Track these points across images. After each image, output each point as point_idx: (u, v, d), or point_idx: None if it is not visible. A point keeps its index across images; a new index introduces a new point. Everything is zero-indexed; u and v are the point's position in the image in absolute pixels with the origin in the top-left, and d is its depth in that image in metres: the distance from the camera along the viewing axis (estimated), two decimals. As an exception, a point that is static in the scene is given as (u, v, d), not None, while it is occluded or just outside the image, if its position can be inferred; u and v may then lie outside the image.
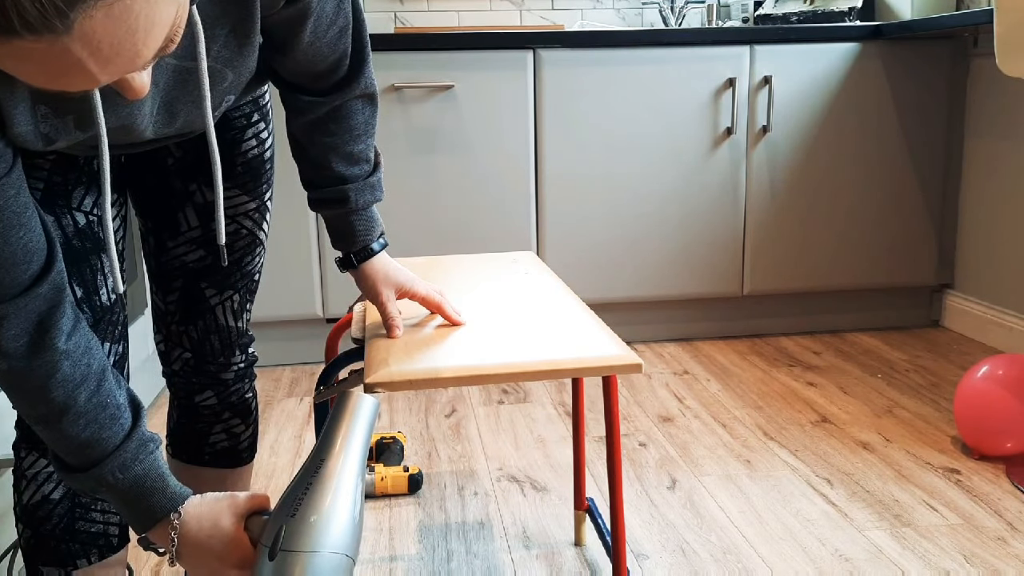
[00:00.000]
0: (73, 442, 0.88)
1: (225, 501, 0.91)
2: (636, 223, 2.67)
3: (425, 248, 2.60)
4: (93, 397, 0.88)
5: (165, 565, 1.55)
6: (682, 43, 2.59)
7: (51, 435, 0.88)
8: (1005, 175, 2.60)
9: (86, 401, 0.87)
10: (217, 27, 0.87)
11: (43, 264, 0.84)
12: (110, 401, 0.89)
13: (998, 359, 1.88)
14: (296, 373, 2.59)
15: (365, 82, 1.06)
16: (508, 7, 3.16)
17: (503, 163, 2.59)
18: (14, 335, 0.83)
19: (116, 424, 0.89)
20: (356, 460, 0.86)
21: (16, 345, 0.83)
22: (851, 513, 1.68)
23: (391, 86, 2.50)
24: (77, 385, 0.87)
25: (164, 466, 0.92)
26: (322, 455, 0.85)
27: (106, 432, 0.89)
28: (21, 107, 0.79)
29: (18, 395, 0.87)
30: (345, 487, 0.84)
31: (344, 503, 0.83)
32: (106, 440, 0.89)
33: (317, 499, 0.82)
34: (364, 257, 1.12)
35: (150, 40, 0.62)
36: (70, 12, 0.56)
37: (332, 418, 0.89)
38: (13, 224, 0.80)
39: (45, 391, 0.85)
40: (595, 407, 2.23)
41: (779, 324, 2.86)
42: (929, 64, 2.68)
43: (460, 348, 1.02)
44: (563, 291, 1.26)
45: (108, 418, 0.89)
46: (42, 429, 0.88)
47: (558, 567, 1.52)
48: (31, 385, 0.85)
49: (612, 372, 0.99)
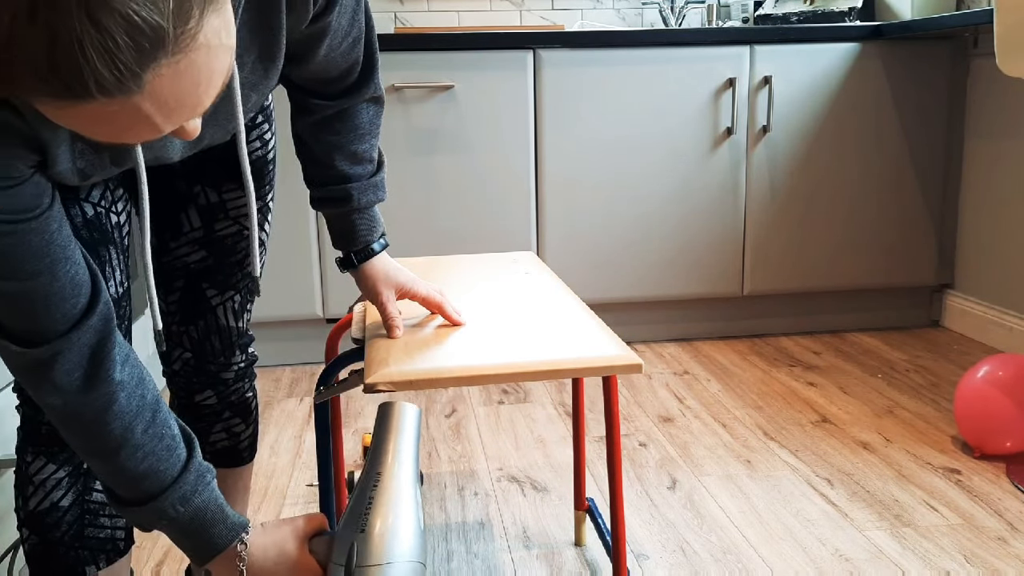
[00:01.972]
0: (131, 475, 0.86)
1: (286, 527, 0.92)
2: (636, 223, 2.67)
3: (425, 248, 2.60)
4: (149, 428, 0.87)
5: (165, 565, 1.55)
6: (682, 43, 2.59)
7: (107, 469, 0.87)
8: (1005, 175, 2.60)
9: (143, 433, 0.86)
10: (246, 54, 0.88)
11: (90, 295, 0.83)
12: (166, 432, 0.88)
13: (998, 359, 1.88)
14: (296, 373, 2.59)
15: (374, 87, 1.07)
16: (508, 7, 3.16)
17: (503, 163, 2.59)
18: (67, 370, 0.82)
19: (173, 455, 0.88)
20: (410, 469, 0.89)
21: (70, 380, 0.82)
22: (851, 513, 1.68)
23: (391, 86, 2.50)
24: (133, 416, 0.86)
25: (221, 496, 0.91)
26: (377, 468, 0.88)
27: (163, 464, 0.88)
28: (63, 147, 0.79)
29: (74, 431, 0.85)
30: (405, 497, 0.87)
31: (407, 512, 0.86)
32: (164, 472, 0.88)
33: (382, 512, 0.85)
34: (365, 257, 1.12)
35: (211, 89, 0.64)
36: (143, 73, 0.58)
37: (378, 431, 0.91)
38: (59, 258, 0.80)
39: (102, 424, 0.84)
40: (595, 407, 2.23)
41: (779, 324, 2.86)
42: (929, 64, 2.68)
43: (460, 348, 1.02)
44: (563, 291, 1.26)
45: (165, 449, 0.88)
46: (98, 464, 0.87)
47: (558, 567, 1.52)
48: (87, 419, 0.84)
49: (612, 372, 0.99)
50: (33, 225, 0.77)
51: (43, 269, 0.78)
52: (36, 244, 0.77)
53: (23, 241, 0.76)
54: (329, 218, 1.13)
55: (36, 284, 0.78)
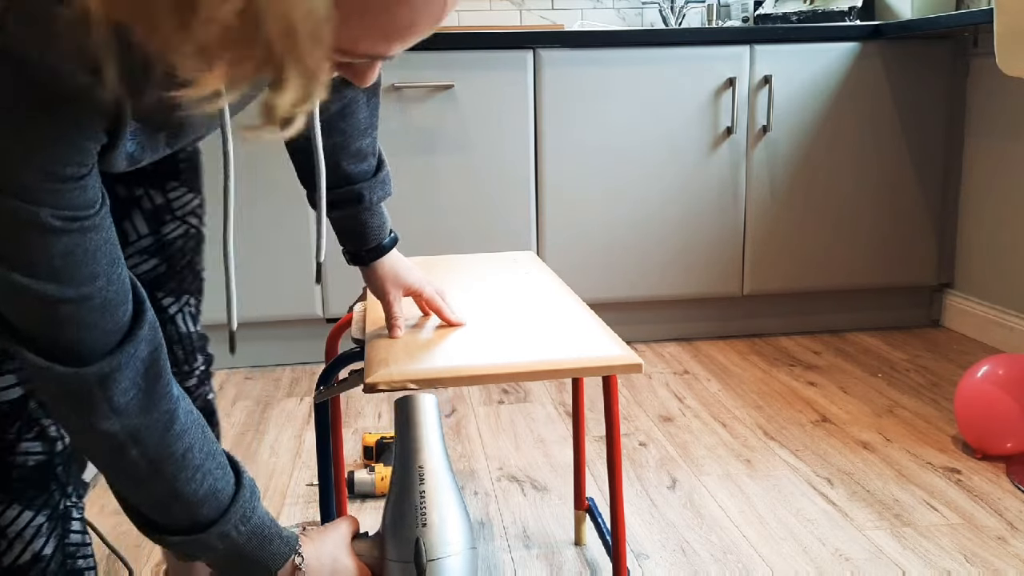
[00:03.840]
0: (189, 501, 0.78)
1: (333, 534, 0.89)
2: (636, 223, 2.67)
3: (425, 248, 2.60)
4: (204, 445, 0.79)
5: (165, 565, 1.55)
6: (682, 43, 2.59)
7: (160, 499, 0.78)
8: (1005, 175, 2.60)
9: (199, 451, 0.79)
10: None
11: (134, 302, 0.75)
12: (216, 448, 0.81)
13: (998, 359, 1.88)
14: (296, 373, 2.59)
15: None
16: (508, 7, 3.16)
17: (503, 163, 2.59)
18: (124, 388, 0.73)
19: (226, 473, 0.82)
20: (445, 458, 0.90)
21: (127, 400, 0.73)
22: (851, 513, 1.68)
23: (391, 86, 2.50)
24: (192, 434, 0.78)
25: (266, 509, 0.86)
26: (419, 462, 0.89)
27: (220, 483, 0.81)
28: (128, 126, 0.72)
29: (129, 460, 0.75)
30: (453, 488, 0.89)
31: (459, 502, 0.88)
32: (222, 493, 0.81)
33: (440, 505, 0.86)
34: (376, 255, 1.09)
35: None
36: None
37: (406, 423, 0.92)
38: (115, 259, 0.72)
39: (164, 447, 0.76)
40: (595, 407, 2.23)
41: (779, 324, 2.86)
42: (929, 64, 2.68)
43: (460, 348, 1.02)
44: (563, 291, 1.26)
45: (218, 467, 0.81)
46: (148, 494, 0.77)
47: (558, 567, 1.52)
48: (149, 444, 0.75)
49: (612, 372, 0.99)
50: (96, 221, 0.70)
51: (100, 272, 0.71)
52: (96, 244, 0.70)
53: (85, 241, 0.69)
54: (337, 220, 1.09)
55: (93, 290, 0.70)
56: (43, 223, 0.66)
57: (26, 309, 0.69)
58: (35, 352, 0.71)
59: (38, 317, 0.69)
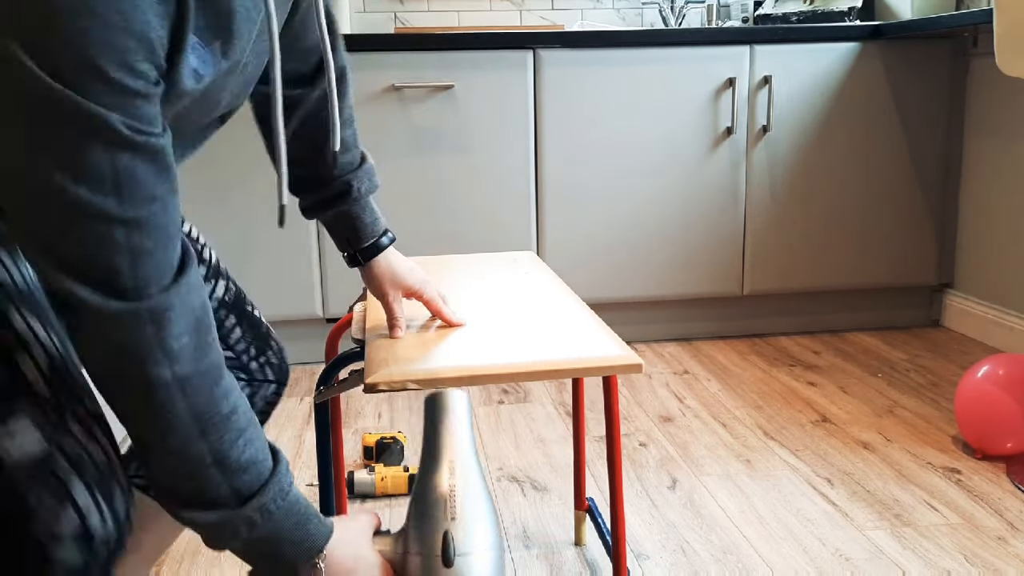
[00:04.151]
0: (233, 466, 0.74)
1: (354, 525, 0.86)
2: (636, 223, 2.67)
3: (425, 248, 2.60)
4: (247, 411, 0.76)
5: (165, 565, 1.55)
6: (682, 43, 2.59)
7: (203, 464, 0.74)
8: (1005, 175, 2.60)
9: (243, 415, 0.75)
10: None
11: (180, 248, 0.73)
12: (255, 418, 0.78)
13: (998, 359, 1.88)
14: (296, 373, 2.59)
15: (341, 55, 1.03)
16: (508, 7, 3.16)
17: (503, 163, 2.59)
18: (178, 333, 0.70)
19: (264, 445, 0.78)
20: (475, 454, 0.90)
21: (181, 345, 0.71)
22: (851, 513, 1.68)
23: (391, 86, 2.50)
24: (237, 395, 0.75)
25: None
26: (450, 457, 0.88)
27: (261, 454, 0.77)
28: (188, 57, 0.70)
29: (175, 414, 0.71)
30: (484, 484, 0.88)
31: (489, 499, 0.87)
32: (262, 464, 0.77)
33: (471, 501, 0.85)
34: (372, 254, 1.09)
35: None
36: None
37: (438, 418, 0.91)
38: (173, 189, 0.70)
39: (212, 403, 0.73)
40: (595, 407, 2.23)
41: (779, 324, 2.86)
42: (929, 64, 2.68)
43: (460, 348, 1.02)
44: (563, 291, 1.26)
45: (259, 438, 0.77)
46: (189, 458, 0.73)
47: (558, 567, 1.52)
48: (199, 396, 0.72)
49: (612, 372, 0.99)
50: (162, 143, 0.68)
51: (158, 196, 0.69)
52: (159, 166, 0.68)
53: (149, 159, 0.67)
54: (330, 221, 1.08)
55: (150, 213, 0.68)
56: (115, 130, 0.64)
57: (82, 233, 0.66)
58: (90, 287, 0.67)
59: (95, 241, 0.66)
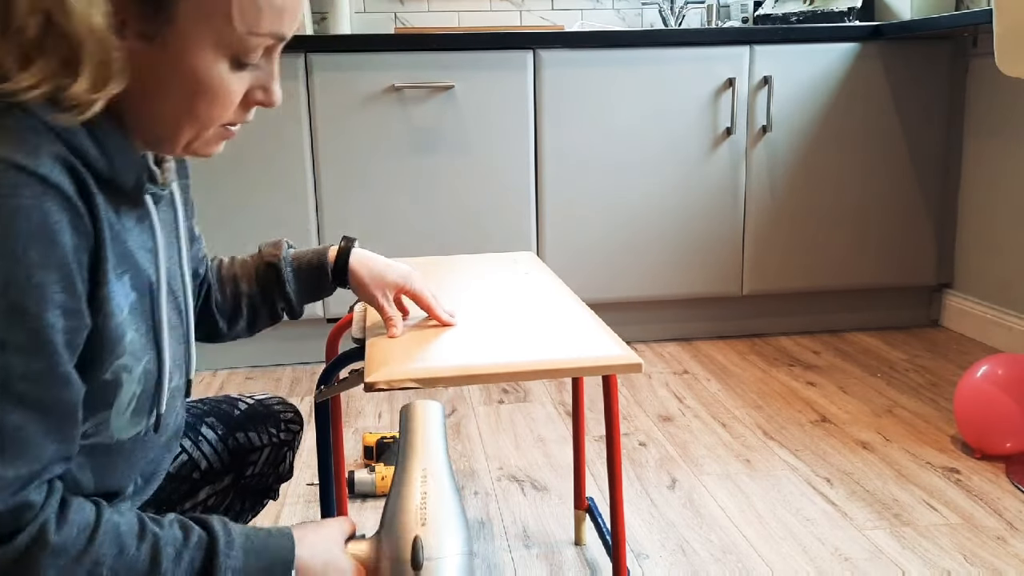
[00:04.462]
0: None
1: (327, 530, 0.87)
2: (636, 223, 2.67)
3: (425, 248, 2.60)
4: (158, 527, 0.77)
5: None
6: (682, 43, 2.59)
7: None
8: (1005, 175, 2.61)
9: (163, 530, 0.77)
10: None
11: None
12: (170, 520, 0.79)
13: (998, 358, 1.88)
14: (296, 373, 2.59)
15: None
16: (508, 7, 3.16)
17: (503, 163, 2.59)
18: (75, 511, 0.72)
19: (193, 530, 0.79)
20: (448, 464, 0.92)
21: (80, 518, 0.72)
22: (851, 512, 1.68)
23: (391, 86, 2.50)
24: (142, 524, 0.76)
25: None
26: (422, 465, 0.90)
27: (193, 538, 0.78)
28: None
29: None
30: (454, 491, 0.90)
31: (459, 506, 0.89)
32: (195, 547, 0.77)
33: (441, 507, 0.87)
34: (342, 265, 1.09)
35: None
36: None
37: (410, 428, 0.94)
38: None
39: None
40: (595, 407, 2.24)
41: (779, 324, 2.86)
42: (929, 64, 2.68)
43: (460, 348, 1.02)
44: (563, 291, 1.27)
45: (184, 528, 0.78)
46: None
47: (558, 567, 1.52)
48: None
49: (612, 372, 0.99)
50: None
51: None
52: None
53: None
54: (291, 286, 1.09)
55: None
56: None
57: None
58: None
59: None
